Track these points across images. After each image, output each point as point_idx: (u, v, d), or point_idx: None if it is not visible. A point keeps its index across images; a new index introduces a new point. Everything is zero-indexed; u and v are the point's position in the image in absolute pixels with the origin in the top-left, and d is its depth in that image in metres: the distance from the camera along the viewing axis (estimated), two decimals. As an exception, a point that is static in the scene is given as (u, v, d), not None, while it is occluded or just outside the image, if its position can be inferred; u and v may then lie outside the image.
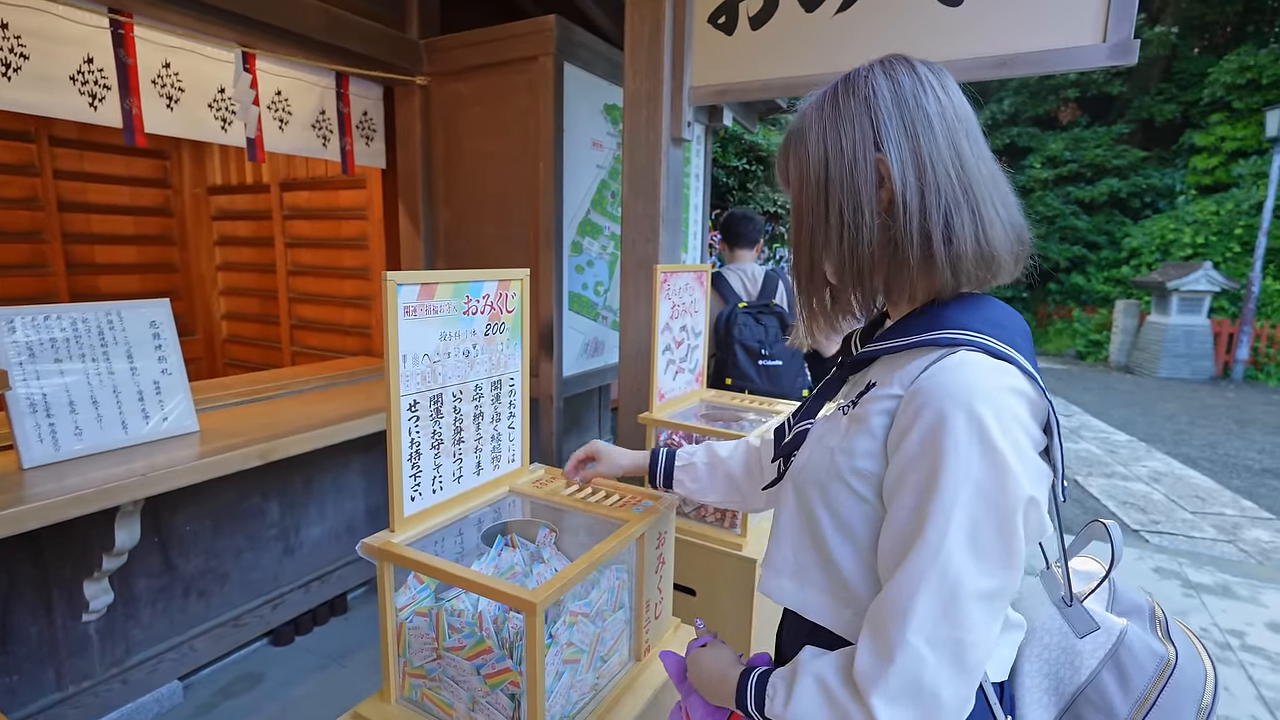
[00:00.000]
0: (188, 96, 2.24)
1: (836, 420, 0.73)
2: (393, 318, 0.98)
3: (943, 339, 0.65)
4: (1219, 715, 0.70)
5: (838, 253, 0.70)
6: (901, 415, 0.63)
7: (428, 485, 1.09)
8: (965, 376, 0.60)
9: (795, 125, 0.74)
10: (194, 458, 1.74)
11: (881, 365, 0.72)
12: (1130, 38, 1.67)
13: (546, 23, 2.45)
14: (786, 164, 0.75)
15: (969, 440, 0.57)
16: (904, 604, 0.58)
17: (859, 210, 0.67)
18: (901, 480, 0.61)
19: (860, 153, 0.67)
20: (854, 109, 0.68)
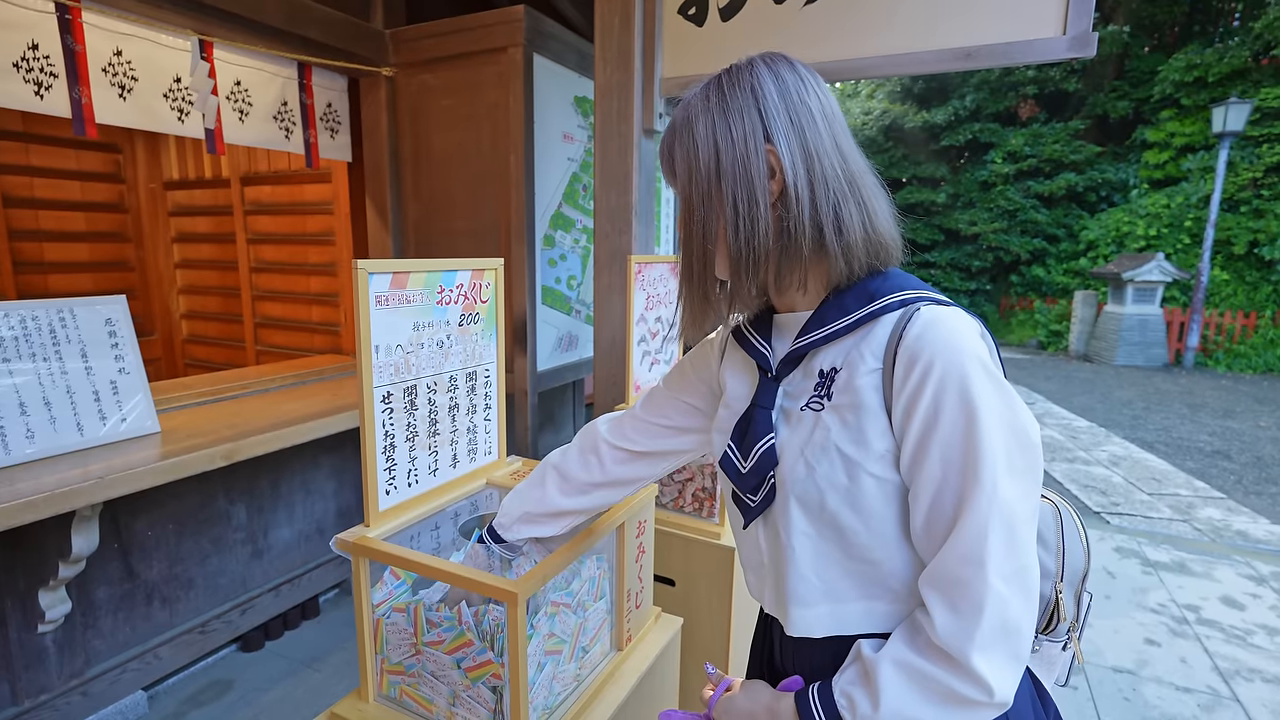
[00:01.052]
0: (141, 86, 2.16)
1: (813, 420, 0.69)
2: (364, 307, 0.95)
3: (892, 303, 0.66)
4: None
5: (733, 245, 0.69)
6: (902, 380, 0.63)
7: (403, 478, 1.07)
8: (950, 329, 0.62)
9: (680, 117, 0.73)
10: (155, 459, 1.68)
11: (829, 350, 0.70)
12: (1089, 30, 1.72)
13: (515, 13, 2.42)
14: (672, 156, 0.73)
15: (983, 382, 0.60)
16: (977, 552, 0.58)
17: (753, 201, 0.68)
18: (929, 436, 0.61)
19: (751, 145, 0.68)
20: (741, 102, 0.69)
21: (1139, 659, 2.49)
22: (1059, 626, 0.75)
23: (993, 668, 0.57)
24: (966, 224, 13.25)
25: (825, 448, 0.67)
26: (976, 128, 13.33)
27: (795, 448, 0.70)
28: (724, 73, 0.71)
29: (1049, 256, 12.66)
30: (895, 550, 0.66)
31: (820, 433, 0.68)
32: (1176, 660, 2.49)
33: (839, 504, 0.67)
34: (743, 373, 0.81)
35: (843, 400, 0.67)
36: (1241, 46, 10.45)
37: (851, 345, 0.68)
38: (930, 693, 0.60)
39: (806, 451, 0.69)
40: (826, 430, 0.68)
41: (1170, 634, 2.66)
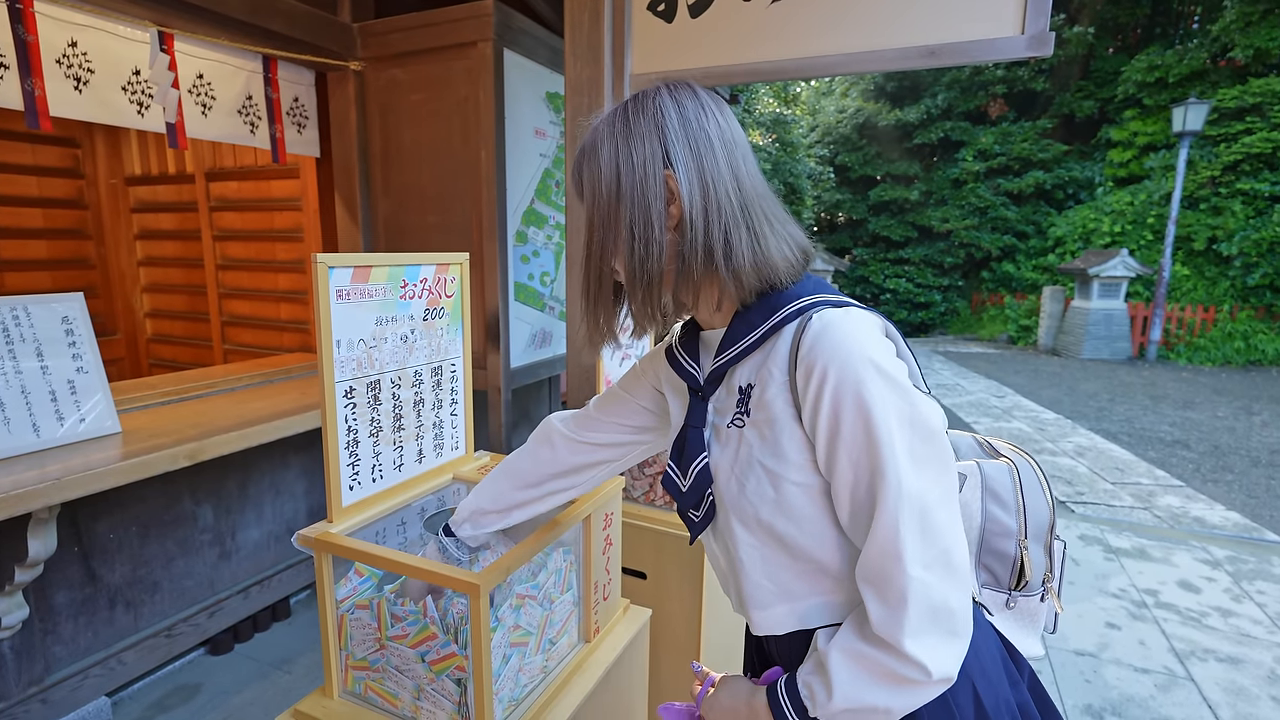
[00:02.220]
0: (98, 78, 2.10)
1: (738, 437, 0.72)
2: (324, 301, 0.95)
3: (790, 313, 0.69)
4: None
5: (627, 265, 0.71)
6: (805, 389, 0.65)
7: (367, 474, 1.06)
8: (841, 333, 0.64)
9: (588, 141, 0.75)
10: (115, 459, 1.64)
11: (743, 367, 0.73)
12: (1046, 30, 1.76)
13: (484, 7, 2.41)
14: (580, 177, 0.75)
15: (875, 383, 0.62)
16: (893, 545, 0.61)
17: (649, 224, 0.69)
18: (835, 442, 0.64)
19: (650, 169, 0.70)
20: (644, 127, 0.70)
21: (1100, 642, 2.56)
22: (1030, 581, 0.78)
23: (926, 650, 0.60)
24: (939, 221, 13.47)
25: (750, 464, 0.70)
26: (948, 126, 13.57)
27: (726, 466, 0.73)
28: (630, 100, 0.74)
29: (1019, 253, 12.93)
30: (833, 546, 0.69)
31: (745, 449, 0.71)
32: (1135, 642, 2.57)
33: (772, 515, 0.69)
34: (677, 393, 0.84)
35: (759, 416, 0.70)
36: (1200, 48, 10.76)
37: (760, 360, 0.71)
38: (877, 676, 0.62)
39: (735, 469, 0.72)
40: (750, 446, 0.70)
41: (1130, 617, 2.74)
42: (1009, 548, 0.77)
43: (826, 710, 0.64)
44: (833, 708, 0.63)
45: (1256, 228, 9.54)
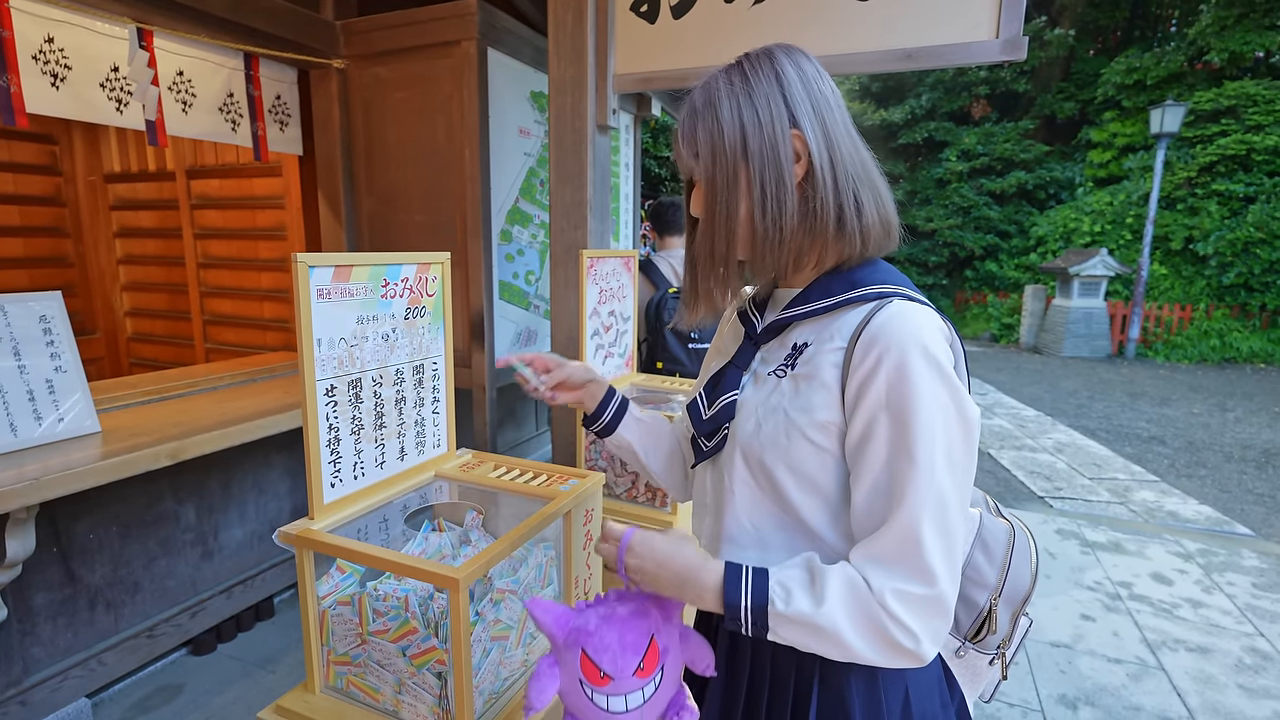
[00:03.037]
0: (75, 74, 2.08)
1: (774, 384, 0.74)
2: (305, 300, 0.95)
3: (870, 294, 0.71)
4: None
5: (760, 225, 0.71)
6: (859, 362, 0.67)
7: (348, 471, 1.07)
8: (911, 323, 0.66)
9: (701, 98, 0.74)
10: (95, 459, 1.63)
11: (805, 327, 0.75)
12: (1019, 34, 1.80)
13: (468, 6, 2.41)
14: (694, 138, 0.74)
15: (931, 375, 0.64)
16: (915, 533, 0.62)
17: (781, 183, 0.70)
18: (874, 421, 0.65)
19: (779, 128, 0.70)
20: (766, 87, 0.71)
21: (1075, 634, 2.62)
22: (989, 639, 0.79)
23: (925, 630, 0.62)
24: (924, 220, 13.60)
25: (774, 409, 0.73)
26: (932, 126, 13.69)
27: (752, 406, 0.75)
28: (743, 59, 0.74)
29: (1001, 252, 13.08)
30: (820, 511, 0.71)
31: (776, 396, 0.73)
32: (1109, 634, 2.62)
33: (774, 460, 0.71)
34: (732, 337, 0.88)
35: (803, 371, 0.72)
36: (1177, 51, 10.95)
37: (825, 325, 0.73)
38: (867, 622, 0.63)
39: (760, 410, 0.74)
40: (781, 394, 0.73)
41: (1104, 609, 2.80)
42: (981, 599, 0.79)
43: (797, 614, 0.63)
44: (805, 616, 0.63)
45: (1231, 228, 9.73)
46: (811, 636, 0.64)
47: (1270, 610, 2.81)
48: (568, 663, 0.70)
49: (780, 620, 0.64)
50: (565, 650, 0.71)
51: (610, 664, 0.68)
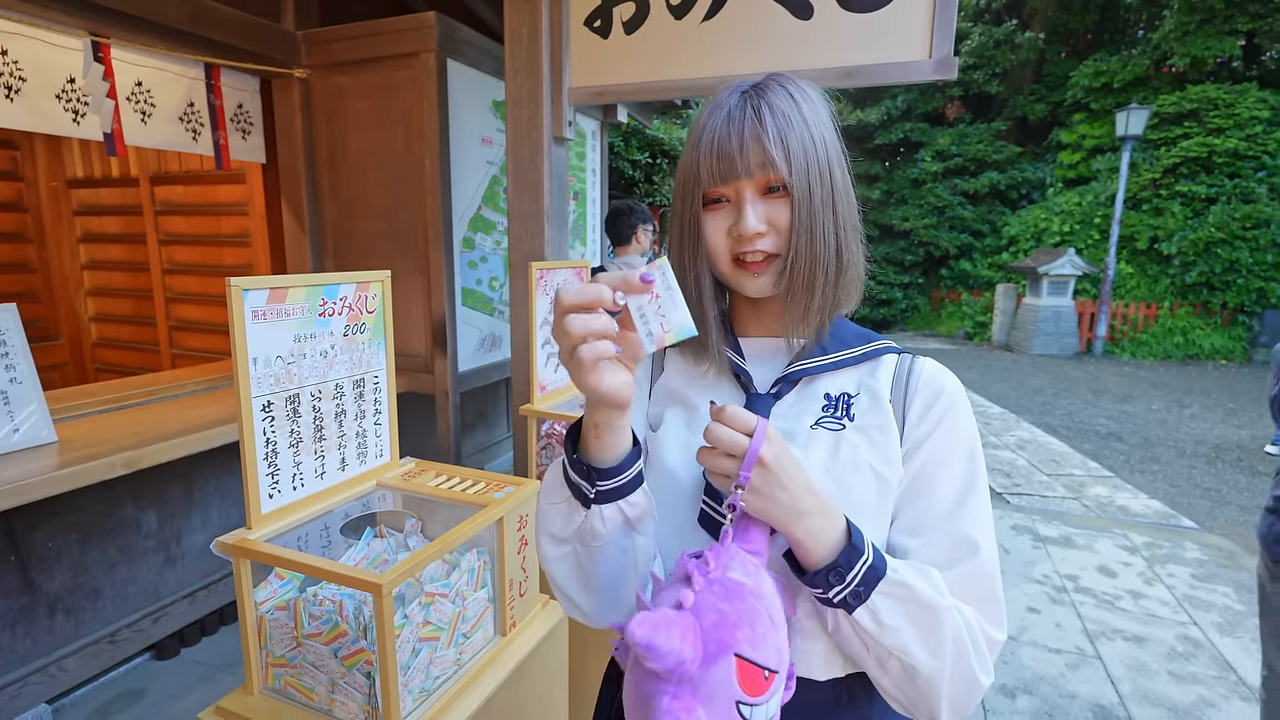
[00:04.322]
0: (30, 86, 2.10)
1: (832, 439, 0.68)
2: (239, 322, 1.00)
3: (893, 346, 0.73)
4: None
5: (848, 254, 0.69)
6: (926, 410, 0.68)
7: (287, 483, 1.12)
8: (947, 374, 0.70)
9: (783, 102, 0.65)
10: (50, 469, 1.66)
11: (833, 378, 0.71)
12: (950, 55, 1.88)
13: (427, 19, 2.45)
14: (785, 141, 0.64)
15: (975, 429, 0.69)
16: (993, 572, 0.63)
17: (853, 213, 0.70)
18: (948, 456, 0.66)
19: (846, 158, 0.69)
20: (826, 112, 0.69)
21: (1020, 626, 2.73)
22: None
23: (990, 679, 0.63)
24: (899, 220, 13.80)
25: (857, 466, 0.66)
26: (908, 127, 13.88)
27: (818, 465, 0.66)
28: (781, 79, 0.68)
29: (975, 251, 13.31)
30: None
31: (848, 451, 0.67)
32: (1052, 625, 2.74)
33: (864, 518, 0.64)
34: (706, 388, 0.75)
35: (870, 421, 0.68)
36: (1143, 55, 11.21)
37: (864, 375, 0.71)
38: (957, 642, 0.60)
39: (834, 469, 0.66)
40: (855, 449, 0.67)
41: (1050, 602, 2.92)
42: None
43: (913, 585, 0.58)
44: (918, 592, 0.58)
45: (1194, 228, 9.99)
46: (909, 620, 0.58)
47: (1206, 600, 2.95)
48: (709, 688, 0.47)
49: (896, 585, 0.58)
50: (704, 671, 0.48)
51: (775, 655, 0.51)
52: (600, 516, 0.63)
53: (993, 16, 13.58)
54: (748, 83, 0.68)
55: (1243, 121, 9.85)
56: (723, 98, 0.68)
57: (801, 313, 0.68)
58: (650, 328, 0.56)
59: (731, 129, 0.65)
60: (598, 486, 0.62)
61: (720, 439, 0.56)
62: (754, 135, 0.64)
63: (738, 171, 0.65)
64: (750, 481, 0.56)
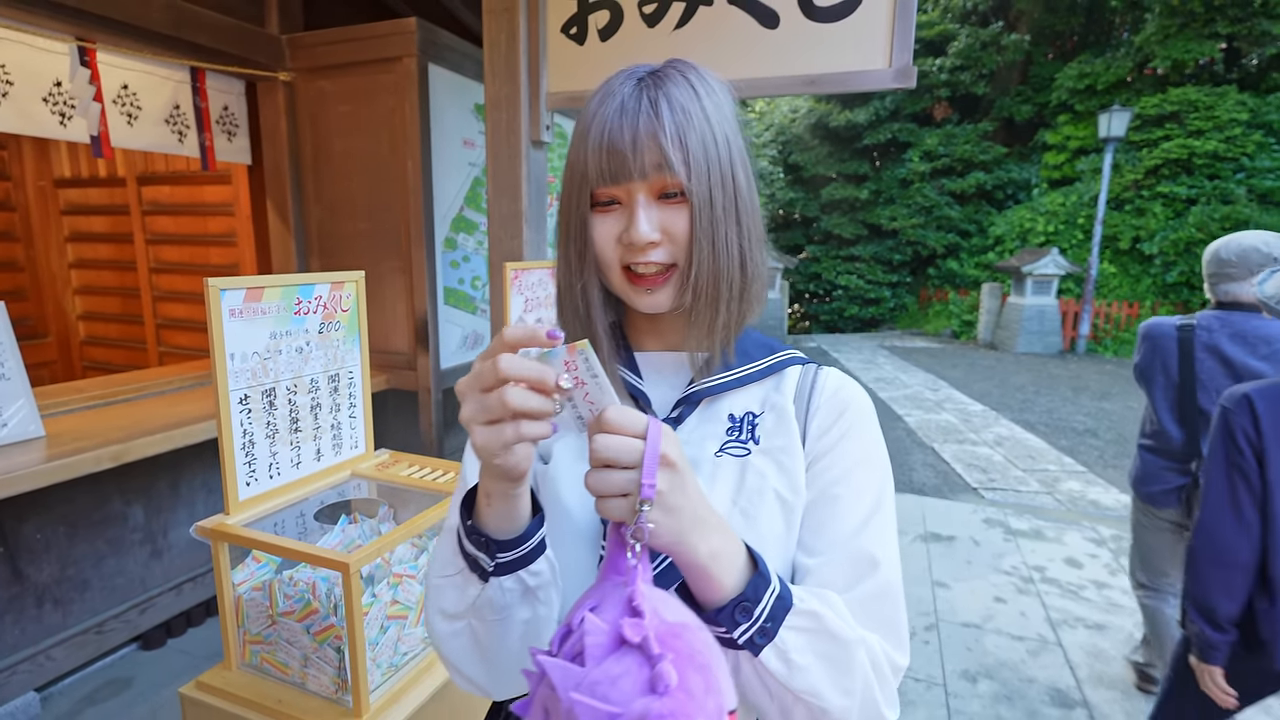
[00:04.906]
0: (18, 90, 2.15)
1: (737, 466, 0.63)
2: (216, 320, 1.07)
3: (798, 357, 0.68)
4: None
5: (752, 264, 0.62)
6: (828, 425, 0.64)
7: (264, 471, 1.19)
8: (858, 388, 0.67)
9: (682, 94, 0.58)
10: (38, 462, 1.72)
11: (736, 396, 0.66)
12: (909, 64, 1.96)
13: (408, 25, 2.51)
14: (684, 140, 0.57)
15: (881, 438, 0.67)
16: (895, 594, 0.60)
17: (758, 219, 0.63)
18: (850, 473, 0.62)
19: (749, 155, 0.63)
20: (726, 102, 0.61)
21: (985, 614, 2.82)
22: None
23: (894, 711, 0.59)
24: (887, 219, 13.93)
25: (762, 494, 0.61)
26: (895, 127, 14.00)
27: (724, 499, 0.61)
28: (682, 65, 0.61)
29: (962, 251, 13.46)
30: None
31: (754, 479, 0.62)
32: (1017, 614, 2.83)
33: (770, 559, 0.56)
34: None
35: (775, 443, 0.63)
36: (1125, 58, 11.37)
37: (768, 391, 0.66)
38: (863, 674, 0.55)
39: (741, 501, 0.61)
40: (761, 475, 0.62)
41: (1016, 592, 3.01)
42: None
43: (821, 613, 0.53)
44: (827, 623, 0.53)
45: (1175, 228, 10.16)
46: (819, 657, 0.52)
47: (1166, 589, 3.05)
48: None
49: (804, 616, 0.52)
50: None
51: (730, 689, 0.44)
52: (499, 588, 0.55)
53: (979, 18, 13.71)
54: (645, 68, 0.61)
55: (1222, 124, 10.01)
56: (615, 84, 0.60)
57: (705, 330, 0.62)
58: (580, 412, 0.50)
59: (624, 122, 0.56)
60: (498, 559, 0.54)
61: (610, 449, 0.46)
62: (649, 132, 0.56)
63: (630, 172, 0.57)
64: (658, 490, 0.46)
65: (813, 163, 15.01)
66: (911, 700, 2.28)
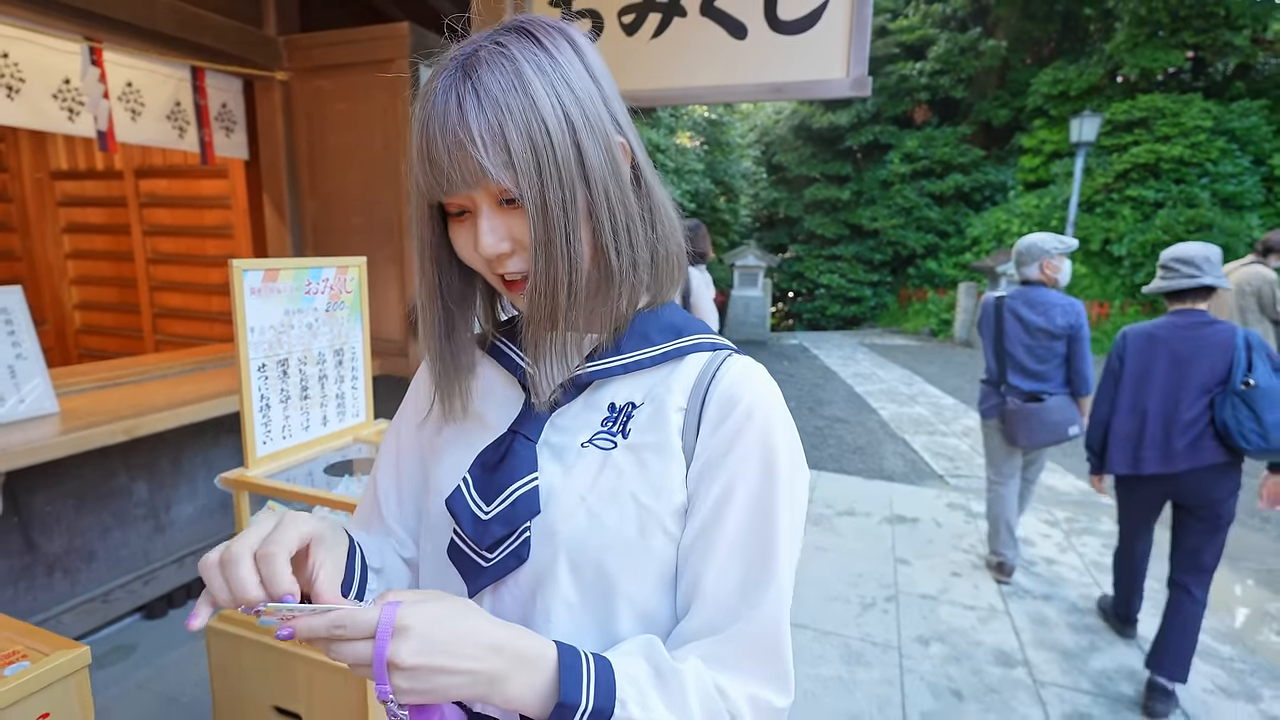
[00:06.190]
0: (29, 87, 2.27)
1: (599, 460, 0.58)
2: (239, 297, 1.22)
3: (703, 344, 0.61)
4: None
5: (613, 260, 0.56)
6: (716, 425, 0.56)
7: (277, 432, 1.34)
8: (762, 382, 0.58)
9: (499, 79, 0.50)
10: (55, 435, 1.85)
11: (623, 383, 0.61)
12: (864, 75, 2.14)
13: (400, 29, 2.66)
14: (502, 135, 0.50)
15: (794, 444, 0.58)
16: (776, 628, 0.54)
17: (626, 203, 0.56)
18: (732, 494, 0.55)
19: (608, 126, 0.55)
20: (577, 71, 0.53)
21: (941, 587, 3.02)
22: None
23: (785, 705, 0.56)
24: (869, 220, 14.21)
25: (616, 494, 0.56)
26: (877, 130, 14.29)
27: (573, 493, 0.57)
28: (529, 25, 0.54)
29: (941, 251, 13.77)
30: (665, 605, 0.59)
31: (610, 476, 0.57)
32: (971, 587, 3.03)
33: (621, 566, 0.55)
34: (487, 390, 0.66)
35: (645, 439, 0.58)
36: (1097, 65, 11.71)
37: (657, 380, 0.60)
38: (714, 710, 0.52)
39: (590, 498, 0.57)
40: (619, 473, 0.57)
41: (971, 568, 3.22)
42: None
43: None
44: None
45: (1143, 231, 10.51)
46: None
47: (1109, 564, 3.27)
48: None
49: None
50: None
51: None
52: None
53: (959, 24, 14.03)
54: (464, 50, 0.53)
55: (1187, 130, 10.38)
56: (435, 77, 0.53)
57: (547, 325, 0.55)
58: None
59: (435, 128, 0.51)
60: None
61: (345, 659, 0.45)
62: (457, 141, 0.50)
63: (454, 184, 0.51)
64: (398, 688, 0.44)
65: (796, 163, 15.27)
66: (868, 661, 2.47)
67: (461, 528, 0.58)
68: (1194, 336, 2.22)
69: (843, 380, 8.17)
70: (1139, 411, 2.29)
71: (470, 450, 0.62)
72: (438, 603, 0.47)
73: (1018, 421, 2.84)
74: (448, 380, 0.62)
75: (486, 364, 0.67)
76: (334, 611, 0.44)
